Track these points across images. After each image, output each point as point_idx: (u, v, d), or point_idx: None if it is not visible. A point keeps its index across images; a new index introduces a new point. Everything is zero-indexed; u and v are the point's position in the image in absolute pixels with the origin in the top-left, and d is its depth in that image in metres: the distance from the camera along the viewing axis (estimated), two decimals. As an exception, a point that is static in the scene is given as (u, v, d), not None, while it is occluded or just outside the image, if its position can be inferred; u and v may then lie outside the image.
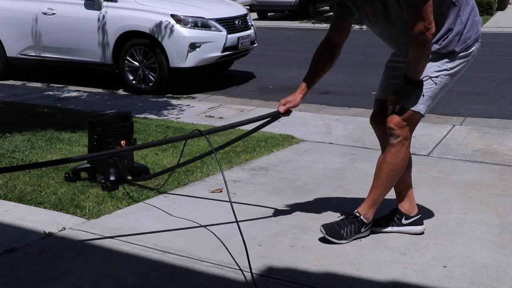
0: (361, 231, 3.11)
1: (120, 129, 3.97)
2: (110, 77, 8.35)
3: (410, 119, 2.98)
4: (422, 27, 2.75)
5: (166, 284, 2.67)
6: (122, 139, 3.96)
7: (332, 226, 3.08)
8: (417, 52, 2.83)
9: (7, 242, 3.05)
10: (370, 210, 3.12)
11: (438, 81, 2.96)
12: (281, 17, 21.14)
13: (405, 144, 3.01)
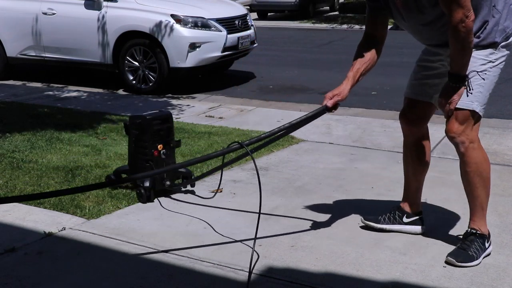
0: (486, 246, 2.93)
1: (158, 132, 3.71)
2: (110, 77, 8.35)
3: (467, 120, 2.81)
4: (461, 14, 2.58)
5: (166, 284, 2.67)
6: (159, 143, 3.71)
7: (458, 252, 2.89)
8: (459, 43, 2.65)
9: (7, 242, 3.05)
10: (481, 222, 2.95)
11: (486, 75, 2.82)
12: (281, 17, 21.13)
13: (474, 147, 2.84)
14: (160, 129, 3.73)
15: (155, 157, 3.69)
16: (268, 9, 21.18)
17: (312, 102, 7.13)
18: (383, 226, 3.22)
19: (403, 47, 10.79)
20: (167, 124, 3.78)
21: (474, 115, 2.82)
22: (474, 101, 2.80)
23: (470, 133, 2.83)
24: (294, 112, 6.42)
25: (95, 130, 5.43)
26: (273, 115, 6.22)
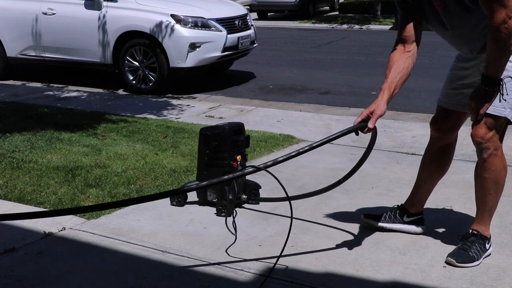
0: (487, 248, 2.92)
1: (236, 143, 3.59)
2: (110, 77, 8.35)
3: (496, 127, 2.74)
4: (504, 14, 2.44)
5: (166, 284, 2.67)
6: (237, 154, 3.59)
7: (459, 252, 2.87)
8: (499, 45, 2.50)
9: (7, 242, 3.05)
10: (486, 225, 2.95)
11: None
12: (281, 17, 21.14)
13: (497, 154, 2.79)
14: (237, 140, 3.60)
15: (234, 169, 3.54)
16: (268, 9, 21.19)
17: (312, 102, 7.14)
18: (383, 224, 3.22)
19: (403, 47, 10.79)
20: (243, 134, 3.66)
21: (502, 122, 2.76)
22: (507, 108, 2.72)
23: (496, 140, 2.76)
24: (294, 112, 6.43)
25: (95, 130, 5.43)
26: (273, 115, 6.22)
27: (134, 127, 5.60)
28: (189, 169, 4.30)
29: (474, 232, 2.93)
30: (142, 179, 4.09)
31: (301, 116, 6.20)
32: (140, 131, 5.41)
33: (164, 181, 4.04)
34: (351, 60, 10.54)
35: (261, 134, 5.30)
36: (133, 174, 4.18)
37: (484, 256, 2.90)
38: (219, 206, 3.49)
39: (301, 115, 6.27)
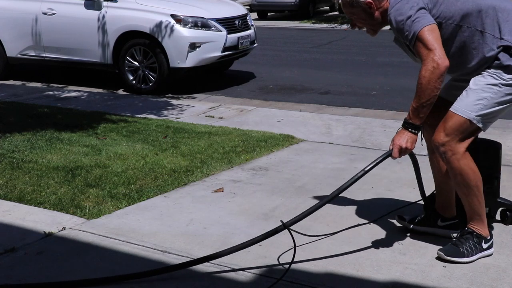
0: (484, 247, 2.90)
1: None
2: (110, 77, 8.35)
3: (458, 129, 2.76)
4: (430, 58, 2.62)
5: (166, 284, 2.67)
6: None
7: (449, 247, 2.90)
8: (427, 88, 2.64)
9: (7, 242, 3.05)
10: (479, 225, 2.91)
11: (494, 90, 2.74)
12: (281, 17, 21.14)
13: (458, 158, 2.77)
14: None
15: None
16: (268, 9, 21.17)
17: (312, 102, 7.14)
18: (417, 228, 3.19)
19: (403, 47, 10.79)
20: None
21: (468, 126, 2.77)
22: (473, 111, 2.76)
23: (455, 145, 2.77)
24: (294, 112, 6.43)
25: (95, 130, 5.43)
26: (273, 115, 6.22)
27: (134, 127, 5.60)
28: (189, 169, 4.30)
29: (469, 229, 2.94)
30: (142, 179, 4.09)
31: (301, 116, 6.20)
32: (140, 131, 5.41)
33: (164, 181, 4.04)
34: (351, 60, 10.54)
35: (261, 134, 5.30)
36: (133, 174, 4.18)
37: (480, 255, 2.89)
38: None
39: (301, 115, 6.27)
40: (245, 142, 5.04)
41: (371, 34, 3.05)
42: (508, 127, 5.66)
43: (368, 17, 2.93)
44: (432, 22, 2.71)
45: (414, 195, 3.72)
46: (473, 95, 2.78)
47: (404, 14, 2.72)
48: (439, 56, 2.62)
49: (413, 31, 2.68)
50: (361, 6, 2.89)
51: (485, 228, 2.94)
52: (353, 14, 2.96)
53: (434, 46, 2.63)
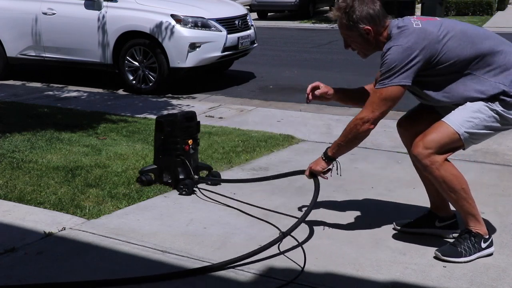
0: (483, 247, 2.90)
1: (187, 128, 3.95)
2: (110, 77, 8.34)
3: (443, 141, 2.79)
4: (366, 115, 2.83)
5: (166, 284, 2.67)
6: (189, 139, 3.94)
7: (447, 247, 2.92)
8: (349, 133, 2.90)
9: (7, 242, 3.05)
10: (476, 224, 2.91)
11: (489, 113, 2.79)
12: (281, 17, 21.14)
13: (437, 167, 2.79)
14: (189, 126, 3.95)
15: (186, 152, 3.89)
16: (268, 9, 21.18)
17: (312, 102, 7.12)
18: (417, 230, 3.20)
19: (403, 47, 10.78)
20: (194, 121, 4.01)
21: (454, 140, 2.80)
22: (463, 126, 2.78)
23: (434, 156, 2.78)
24: (294, 112, 6.43)
25: (95, 130, 5.43)
26: (273, 115, 6.22)
27: (134, 127, 5.60)
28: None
29: (466, 229, 2.94)
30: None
31: (301, 116, 6.20)
32: (140, 131, 5.41)
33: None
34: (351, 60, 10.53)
35: (261, 134, 5.30)
36: (133, 174, 4.18)
37: (479, 255, 2.89)
38: (181, 185, 3.81)
39: (301, 115, 6.26)
40: (245, 142, 5.04)
41: (362, 56, 3.09)
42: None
43: (363, 42, 2.96)
44: (406, 83, 2.78)
45: (414, 195, 3.72)
46: (467, 112, 2.80)
47: (397, 60, 2.77)
48: (373, 121, 2.83)
49: (388, 80, 2.79)
50: (358, 31, 2.91)
51: (482, 226, 2.94)
52: (349, 36, 2.98)
53: (380, 110, 2.81)
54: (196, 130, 4.03)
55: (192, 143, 3.95)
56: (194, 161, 4.00)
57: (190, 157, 3.93)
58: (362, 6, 2.88)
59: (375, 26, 2.89)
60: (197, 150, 4.05)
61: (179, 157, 3.89)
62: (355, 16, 2.88)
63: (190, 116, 4.01)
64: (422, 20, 2.87)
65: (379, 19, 2.89)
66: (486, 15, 19.74)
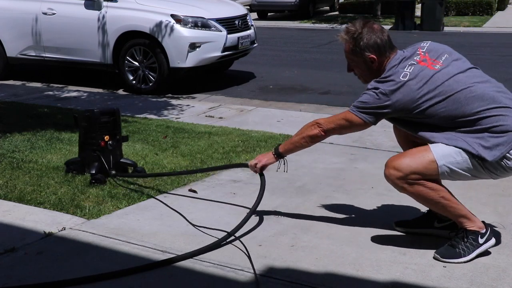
0: (480, 242, 2.89)
1: (105, 124, 4.04)
2: (110, 77, 8.35)
3: (421, 166, 2.77)
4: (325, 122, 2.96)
5: (166, 284, 2.67)
6: (106, 134, 4.02)
7: (446, 248, 2.91)
8: (302, 132, 3.03)
9: (7, 242, 3.05)
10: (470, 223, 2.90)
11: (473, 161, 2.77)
12: (281, 17, 21.14)
13: (410, 185, 2.80)
14: (106, 122, 4.04)
15: (101, 147, 4.01)
16: (268, 9, 21.19)
17: (312, 102, 7.14)
18: (416, 230, 3.20)
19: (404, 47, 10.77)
20: (113, 117, 4.09)
21: (432, 169, 2.78)
22: (443, 157, 2.77)
23: (406, 180, 2.79)
24: (294, 112, 6.43)
25: (95, 130, 5.43)
26: (273, 115, 6.22)
27: (134, 127, 5.60)
28: (189, 169, 4.29)
29: (462, 229, 2.94)
30: (142, 179, 4.09)
31: (301, 116, 6.20)
32: (140, 131, 5.41)
33: (164, 181, 4.04)
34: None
35: (261, 134, 5.30)
36: (133, 174, 4.18)
37: (477, 251, 2.89)
38: (92, 179, 3.93)
39: (301, 115, 6.26)
40: (245, 142, 5.04)
41: (363, 82, 3.08)
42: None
43: (366, 69, 2.99)
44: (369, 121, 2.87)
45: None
46: (453, 149, 2.78)
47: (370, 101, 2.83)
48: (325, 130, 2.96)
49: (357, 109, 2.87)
50: (363, 58, 2.95)
51: (476, 222, 2.91)
52: (353, 61, 3.03)
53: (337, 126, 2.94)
54: (114, 126, 4.09)
55: (110, 139, 4.02)
56: (115, 157, 4.08)
57: (108, 153, 4.02)
58: (370, 34, 2.93)
59: (380, 56, 2.94)
60: (119, 146, 4.14)
61: (95, 152, 4.00)
62: (362, 43, 2.93)
63: (108, 112, 4.09)
64: (418, 64, 2.84)
65: (384, 49, 2.94)
66: (486, 15, 19.73)
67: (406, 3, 15.92)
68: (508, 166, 2.80)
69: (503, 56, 10.85)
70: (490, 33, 15.35)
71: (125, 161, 4.20)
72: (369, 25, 2.96)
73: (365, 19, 3.09)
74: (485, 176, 2.87)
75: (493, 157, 2.74)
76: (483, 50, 11.71)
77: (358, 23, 2.98)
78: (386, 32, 3.00)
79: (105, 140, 4.01)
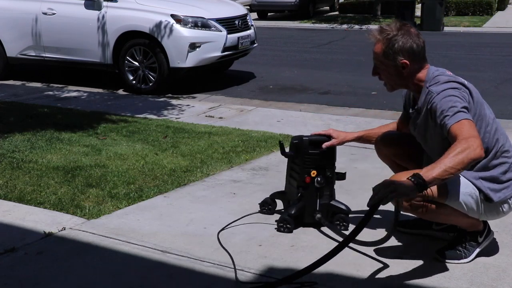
0: (480, 241, 2.89)
1: (312, 156, 3.26)
2: (110, 77, 8.35)
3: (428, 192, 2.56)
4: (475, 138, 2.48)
5: (166, 284, 2.68)
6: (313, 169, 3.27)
7: (446, 248, 2.90)
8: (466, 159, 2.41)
9: (7, 242, 3.05)
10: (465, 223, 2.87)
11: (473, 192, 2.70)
12: (281, 17, 21.14)
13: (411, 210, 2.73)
14: (315, 153, 3.25)
15: (306, 183, 3.26)
16: (268, 9, 21.19)
17: (312, 102, 7.14)
18: (415, 231, 3.20)
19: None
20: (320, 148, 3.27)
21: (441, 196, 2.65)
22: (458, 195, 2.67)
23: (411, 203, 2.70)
24: (294, 112, 6.43)
25: (95, 130, 5.43)
26: (273, 115, 6.22)
27: (134, 127, 5.60)
28: (189, 169, 4.30)
29: (461, 229, 2.94)
30: (142, 179, 4.09)
31: (301, 116, 6.20)
32: (140, 131, 5.41)
33: (163, 181, 4.04)
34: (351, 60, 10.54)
35: (261, 134, 5.30)
36: (133, 174, 4.18)
37: (478, 250, 2.89)
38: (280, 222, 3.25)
39: (301, 115, 6.26)
40: (245, 142, 5.04)
41: (389, 89, 2.91)
42: (508, 127, 5.65)
43: (396, 74, 2.80)
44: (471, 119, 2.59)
45: (414, 195, 3.71)
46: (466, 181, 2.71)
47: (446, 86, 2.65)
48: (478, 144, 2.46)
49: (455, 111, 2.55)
50: (395, 62, 2.75)
51: (474, 223, 2.89)
52: (382, 64, 2.80)
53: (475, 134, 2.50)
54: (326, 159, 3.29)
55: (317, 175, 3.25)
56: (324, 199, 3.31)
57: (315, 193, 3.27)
58: (407, 38, 2.73)
59: (412, 63, 2.75)
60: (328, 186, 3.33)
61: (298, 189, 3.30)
62: (397, 45, 2.73)
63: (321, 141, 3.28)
64: None
65: (419, 56, 2.76)
66: (486, 15, 19.73)
67: (406, 3, 15.93)
68: (503, 210, 2.80)
69: (503, 56, 10.84)
70: (490, 33, 15.35)
71: (337, 204, 3.36)
72: (406, 28, 2.76)
73: (402, 21, 2.84)
74: (476, 214, 2.77)
75: (498, 198, 2.73)
76: (483, 50, 11.70)
77: (394, 24, 2.77)
78: (422, 38, 2.79)
79: (311, 176, 3.25)
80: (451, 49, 11.60)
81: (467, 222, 2.86)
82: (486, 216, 2.83)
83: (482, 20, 18.19)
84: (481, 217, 2.82)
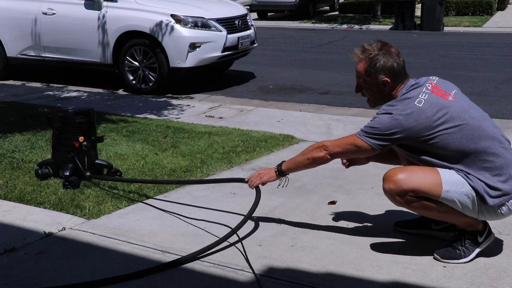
0: (480, 241, 2.89)
1: (79, 125, 3.95)
2: (110, 77, 8.35)
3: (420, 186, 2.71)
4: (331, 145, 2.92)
5: (166, 284, 2.67)
6: (80, 135, 3.94)
7: (446, 249, 2.91)
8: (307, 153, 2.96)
9: (7, 242, 3.06)
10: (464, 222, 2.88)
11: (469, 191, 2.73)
12: (281, 17, 21.14)
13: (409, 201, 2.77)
14: (81, 123, 3.96)
15: (76, 148, 3.93)
16: (268, 9, 21.18)
17: (312, 102, 7.14)
18: (415, 231, 3.21)
19: (403, 47, 10.79)
20: (88, 117, 4.01)
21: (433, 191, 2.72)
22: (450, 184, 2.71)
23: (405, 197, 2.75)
24: (294, 112, 6.43)
25: (95, 130, 5.43)
26: (273, 115, 6.22)
27: (134, 127, 5.60)
28: (189, 169, 4.30)
29: (461, 229, 2.93)
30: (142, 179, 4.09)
31: (301, 116, 6.20)
32: (140, 131, 5.41)
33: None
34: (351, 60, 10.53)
35: (261, 134, 5.30)
36: (133, 174, 4.18)
37: (477, 250, 2.89)
38: (65, 181, 3.86)
39: (301, 115, 6.27)
40: (245, 142, 5.04)
41: (370, 105, 3.09)
42: (508, 127, 5.66)
43: (377, 91, 2.96)
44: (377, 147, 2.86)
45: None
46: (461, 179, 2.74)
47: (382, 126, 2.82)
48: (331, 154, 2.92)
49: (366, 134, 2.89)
50: (377, 80, 2.91)
51: (473, 223, 2.89)
52: (365, 82, 2.98)
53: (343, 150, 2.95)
54: (89, 127, 4.00)
55: (85, 140, 3.93)
56: (90, 158, 4.01)
57: (83, 154, 3.96)
58: (388, 57, 2.87)
59: (393, 81, 2.89)
60: (94, 147, 4.05)
61: (70, 154, 3.93)
62: (379, 64, 2.88)
63: (82, 112, 4.00)
64: (432, 93, 2.80)
65: (399, 74, 2.88)
66: (486, 15, 19.73)
67: (406, 3, 15.92)
68: (502, 212, 2.80)
69: (503, 56, 10.83)
70: (490, 33, 15.34)
71: (100, 162, 4.13)
72: (386, 48, 2.90)
73: (382, 40, 2.99)
74: (472, 213, 2.80)
75: (493, 202, 2.74)
76: (483, 50, 11.70)
77: (376, 44, 2.92)
78: (402, 57, 2.92)
79: (80, 141, 3.93)
80: (451, 49, 11.60)
81: (465, 221, 2.86)
82: (484, 216, 2.83)
83: (482, 20, 18.19)
84: (479, 217, 2.83)
